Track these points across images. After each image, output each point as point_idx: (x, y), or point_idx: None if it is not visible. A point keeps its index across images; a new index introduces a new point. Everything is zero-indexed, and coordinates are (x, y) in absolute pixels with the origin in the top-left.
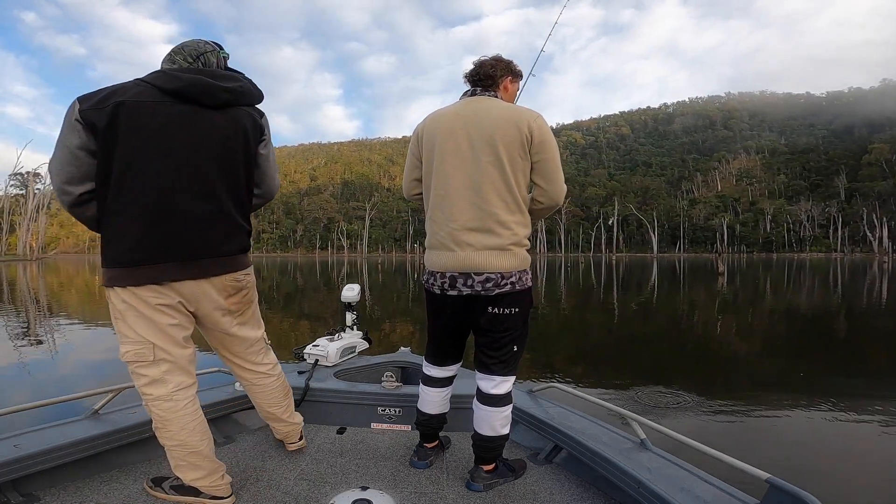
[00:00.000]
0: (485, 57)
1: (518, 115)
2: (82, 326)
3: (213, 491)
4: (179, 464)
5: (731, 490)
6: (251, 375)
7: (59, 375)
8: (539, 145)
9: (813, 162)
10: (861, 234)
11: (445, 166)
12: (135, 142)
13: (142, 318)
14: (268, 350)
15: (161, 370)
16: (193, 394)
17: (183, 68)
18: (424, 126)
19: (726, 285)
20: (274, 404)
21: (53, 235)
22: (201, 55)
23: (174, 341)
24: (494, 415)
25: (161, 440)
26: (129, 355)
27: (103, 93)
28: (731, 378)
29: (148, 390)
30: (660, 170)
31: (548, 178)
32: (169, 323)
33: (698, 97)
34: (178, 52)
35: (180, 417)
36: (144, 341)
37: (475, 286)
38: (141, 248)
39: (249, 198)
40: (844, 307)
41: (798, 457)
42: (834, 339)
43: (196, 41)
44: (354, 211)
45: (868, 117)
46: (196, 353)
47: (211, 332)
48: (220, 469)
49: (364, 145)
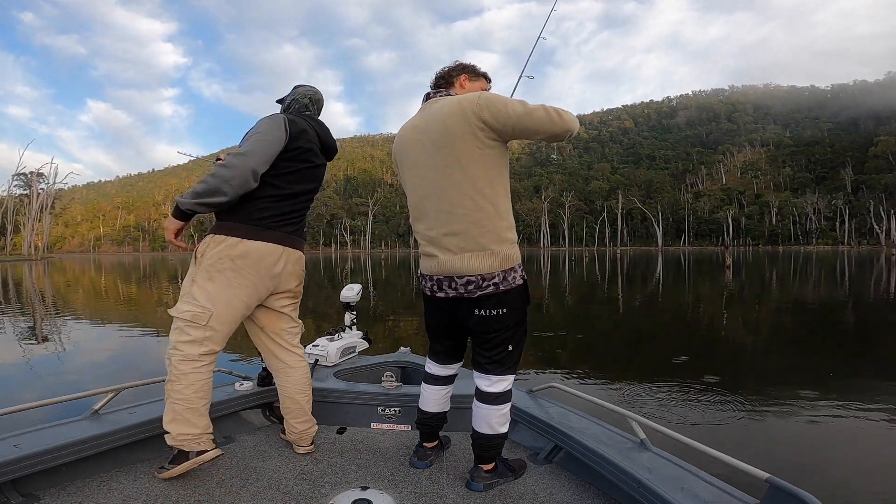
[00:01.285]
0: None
1: (461, 106)
2: (83, 324)
3: (197, 446)
4: (175, 418)
5: (731, 490)
6: (288, 357)
7: (59, 374)
8: (494, 118)
9: (818, 154)
10: (868, 226)
11: (413, 179)
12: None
13: (225, 291)
14: (300, 333)
15: (203, 335)
16: (213, 366)
17: (324, 127)
18: (394, 144)
19: (733, 278)
20: (304, 391)
21: (59, 235)
22: (316, 102)
23: (234, 319)
24: (492, 413)
25: (168, 393)
26: (188, 314)
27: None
28: (736, 374)
29: (182, 347)
30: (664, 163)
31: (531, 130)
32: (241, 304)
33: (701, 90)
34: (303, 96)
35: (194, 376)
36: (207, 310)
37: (458, 288)
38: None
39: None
40: (856, 300)
41: (799, 456)
42: (845, 333)
43: (313, 90)
44: (357, 207)
45: (873, 110)
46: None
47: (268, 314)
48: (207, 429)
49: (366, 141)
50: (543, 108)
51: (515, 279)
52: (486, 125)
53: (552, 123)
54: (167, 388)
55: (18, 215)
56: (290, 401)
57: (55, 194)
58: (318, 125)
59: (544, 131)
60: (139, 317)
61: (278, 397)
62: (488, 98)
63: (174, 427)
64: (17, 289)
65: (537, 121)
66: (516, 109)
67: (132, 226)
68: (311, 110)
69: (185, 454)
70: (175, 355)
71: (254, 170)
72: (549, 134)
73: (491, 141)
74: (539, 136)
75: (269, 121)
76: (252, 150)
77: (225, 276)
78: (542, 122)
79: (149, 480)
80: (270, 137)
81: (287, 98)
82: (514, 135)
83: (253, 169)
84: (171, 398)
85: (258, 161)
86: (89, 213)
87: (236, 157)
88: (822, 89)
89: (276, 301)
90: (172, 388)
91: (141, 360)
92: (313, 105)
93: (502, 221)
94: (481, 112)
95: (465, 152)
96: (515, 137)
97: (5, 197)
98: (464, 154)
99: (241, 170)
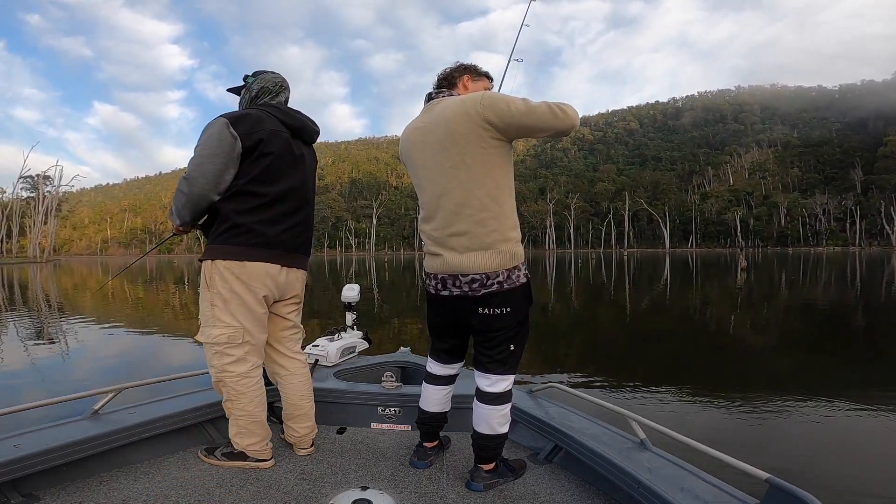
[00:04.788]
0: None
1: (465, 106)
2: (80, 324)
3: (260, 454)
4: (241, 431)
5: (731, 490)
6: (290, 363)
7: (60, 375)
8: (498, 117)
9: (827, 155)
10: (878, 227)
11: (420, 181)
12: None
13: (244, 306)
14: (301, 338)
15: (244, 351)
16: (261, 372)
17: (292, 109)
18: (400, 145)
19: (748, 281)
20: (306, 397)
21: (67, 237)
22: (281, 91)
23: (263, 326)
24: (492, 413)
25: (230, 412)
26: (223, 337)
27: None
28: (747, 375)
29: (231, 368)
30: (670, 164)
31: (534, 128)
32: (262, 311)
33: (707, 91)
34: (262, 83)
35: (252, 392)
36: (239, 326)
37: (463, 287)
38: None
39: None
40: (877, 303)
41: (800, 456)
42: (868, 338)
43: (273, 75)
44: (362, 209)
45: (882, 110)
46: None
47: (272, 319)
48: (269, 435)
49: (371, 143)
50: (546, 105)
51: (519, 278)
52: (490, 124)
53: (555, 119)
54: (226, 406)
55: (25, 217)
56: (293, 406)
57: (61, 197)
58: (279, 110)
59: (548, 128)
60: (144, 319)
61: (280, 398)
62: (491, 97)
63: (240, 439)
64: (21, 291)
65: (540, 118)
66: (519, 108)
67: (139, 228)
68: (277, 97)
69: (244, 454)
70: (227, 378)
71: (200, 195)
72: (553, 130)
73: (495, 140)
74: (543, 133)
75: (209, 130)
76: (194, 176)
77: (239, 295)
78: (545, 119)
79: (149, 481)
80: (210, 150)
81: (253, 87)
82: (518, 133)
83: (199, 195)
84: (234, 415)
85: (204, 184)
86: (97, 216)
87: (184, 183)
88: (829, 89)
89: (282, 307)
90: (234, 406)
91: (141, 360)
92: (279, 90)
93: (507, 220)
94: (485, 111)
95: (470, 152)
96: (520, 136)
97: (12, 199)
98: (468, 154)
99: (188, 198)
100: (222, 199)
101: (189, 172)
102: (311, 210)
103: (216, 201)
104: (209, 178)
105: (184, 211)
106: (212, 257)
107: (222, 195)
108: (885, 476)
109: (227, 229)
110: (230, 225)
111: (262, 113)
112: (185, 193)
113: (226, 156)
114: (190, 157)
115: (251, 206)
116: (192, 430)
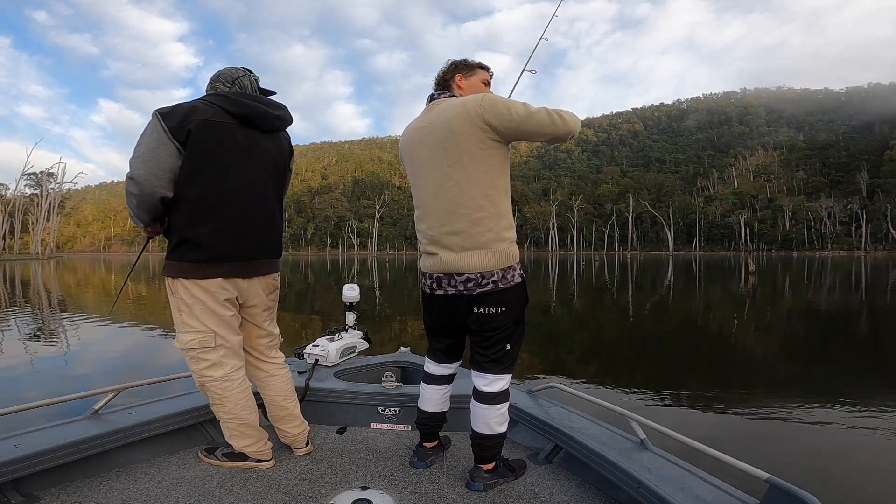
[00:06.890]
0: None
1: (465, 107)
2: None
3: (259, 455)
4: (233, 434)
5: (731, 490)
6: (267, 366)
7: (60, 375)
8: (497, 120)
9: (833, 158)
10: (884, 231)
11: (417, 179)
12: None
13: (208, 310)
14: (278, 345)
15: (219, 354)
16: (243, 374)
17: (246, 94)
18: (400, 145)
19: (758, 285)
20: (288, 397)
21: (71, 235)
22: (236, 80)
23: (233, 330)
24: (489, 412)
25: (218, 415)
26: (194, 343)
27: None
28: (752, 378)
29: (208, 372)
30: (674, 166)
31: (533, 132)
32: (230, 314)
33: (713, 93)
34: (217, 80)
35: (235, 395)
36: (208, 330)
37: (458, 286)
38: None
39: (282, 208)
40: (885, 308)
41: (800, 457)
42: (876, 343)
43: (229, 68)
44: (365, 209)
45: (888, 113)
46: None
47: (244, 326)
48: (264, 436)
49: (375, 143)
50: (546, 111)
51: (514, 277)
52: (489, 127)
53: (554, 126)
54: (213, 409)
55: (28, 214)
56: (277, 408)
57: (64, 194)
58: (223, 98)
59: (546, 133)
60: (145, 317)
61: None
62: (492, 100)
63: (235, 441)
64: (23, 288)
65: (539, 123)
66: (519, 112)
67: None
68: (233, 86)
69: (244, 455)
70: (207, 382)
71: (149, 192)
72: (551, 136)
73: (493, 142)
74: (541, 138)
75: (145, 131)
76: (137, 174)
77: (202, 301)
78: (544, 125)
79: (149, 481)
80: (146, 146)
81: (212, 81)
82: (515, 136)
83: (148, 192)
84: (223, 418)
85: (149, 179)
86: (100, 213)
87: (130, 184)
88: (836, 92)
89: (255, 315)
90: (219, 409)
91: (141, 360)
92: (235, 78)
93: (502, 220)
94: (485, 113)
95: (468, 153)
96: (517, 139)
97: (15, 196)
98: (466, 154)
99: (138, 198)
100: (169, 209)
101: (132, 171)
102: (273, 206)
103: (170, 199)
104: (153, 173)
105: (139, 212)
106: (169, 274)
107: (173, 191)
108: (886, 476)
109: (177, 244)
110: (179, 239)
111: (197, 103)
112: (135, 194)
113: (163, 149)
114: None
115: (196, 213)
116: (192, 430)
